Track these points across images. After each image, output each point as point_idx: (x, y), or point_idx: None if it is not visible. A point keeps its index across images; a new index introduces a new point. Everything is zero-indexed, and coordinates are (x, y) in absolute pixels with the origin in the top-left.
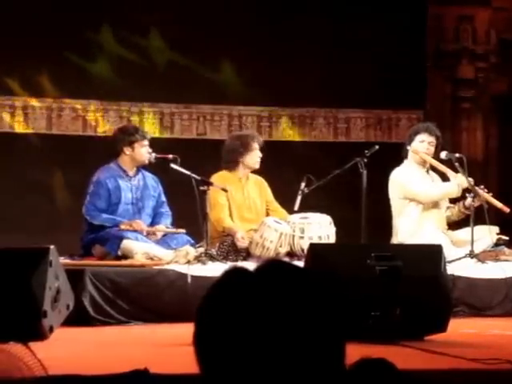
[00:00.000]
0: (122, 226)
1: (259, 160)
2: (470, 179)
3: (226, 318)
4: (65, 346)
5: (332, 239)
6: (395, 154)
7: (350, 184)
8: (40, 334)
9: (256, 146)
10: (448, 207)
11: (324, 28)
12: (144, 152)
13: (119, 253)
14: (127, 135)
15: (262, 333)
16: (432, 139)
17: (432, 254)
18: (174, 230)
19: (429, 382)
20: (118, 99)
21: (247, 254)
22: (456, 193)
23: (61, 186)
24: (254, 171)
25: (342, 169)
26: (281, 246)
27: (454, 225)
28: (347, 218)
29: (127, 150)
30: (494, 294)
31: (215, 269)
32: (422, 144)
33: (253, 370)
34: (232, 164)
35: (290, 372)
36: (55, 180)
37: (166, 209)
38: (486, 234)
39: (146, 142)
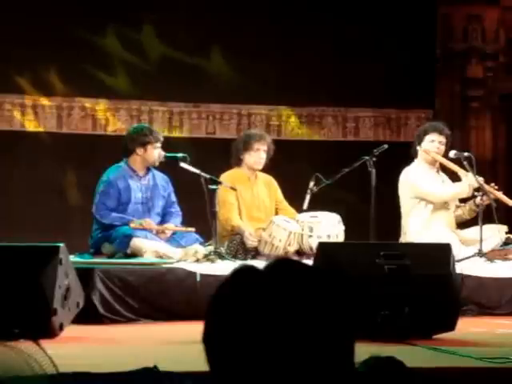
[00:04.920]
0: (132, 225)
1: (261, 161)
2: (480, 178)
3: (236, 317)
4: (75, 344)
5: (341, 238)
6: (404, 153)
7: (358, 183)
8: (50, 332)
9: (257, 146)
10: (459, 206)
11: (333, 27)
12: (156, 154)
13: (128, 251)
14: (141, 136)
15: (271, 331)
16: (442, 138)
17: (441, 252)
18: (183, 228)
19: (437, 380)
20: (128, 98)
21: (256, 253)
22: (467, 193)
23: (71, 185)
24: (264, 170)
25: (351, 168)
26: (290, 245)
27: (462, 224)
28: (356, 217)
29: (139, 151)
30: (503, 293)
31: (224, 267)
32: (433, 144)
33: (262, 367)
34: (236, 161)
35: (300, 370)
36: (65, 178)
37: (175, 208)
38: (495, 233)
39: (159, 144)
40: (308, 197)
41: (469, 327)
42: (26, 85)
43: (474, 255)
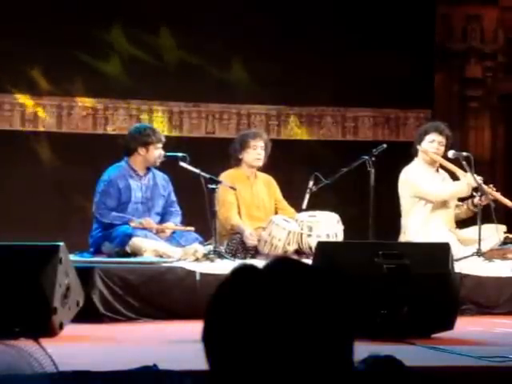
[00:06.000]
0: (132, 224)
1: (259, 157)
2: (479, 178)
3: (235, 316)
4: (75, 343)
5: (340, 237)
6: (403, 153)
7: (357, 182)
8: (50, 331)
9: (254, 143)
10: (457, 205)
11: (333, 27)
12: (157, 154)
13: (128, 250)
14: (144, 136)
15: (270, 330)
16: (442, 139)
17: (440, 252)
18: (182, 227)
19: (436, 379)
20: (128, 97)
21: (256, 252)
22: (466, 192)
23: (71, 184)
24: (263, 169)
25: (350, 167)
26: (289, 244)
27: (461, 223)
28: (355, 216)
29: (141, 151)
30: (502, 292)
31: (224, 266)
32: (432, 144)
33: (261, 366)
34: (235, 161)
35: (299, 369)
36: (65, 178)
37: (175, 208)
38: (494, 233)
39: (160, 145)
40: (307, 196)
41: (467, 326)
42: (25, 84)
43: (473, 255)
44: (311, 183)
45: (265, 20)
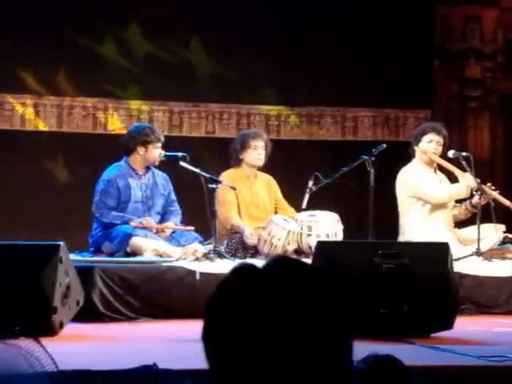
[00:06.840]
0: (133, 224)
1: (260, 157)
2: (477, 179)
3: (235, 315)
4: (75, 342)
5: (339, 237)
6: (402, 153)
7: (357, 182)
8: (50, 330)
9: (254, 143)
10: (455, 206)
11: (332, 27)
12: (156, 153)
13: (128, 250)
14: (143, 135)
15: (270, 329)
16: (439, 139)
17: (439, 251)
18: (182, 227)
19: (435, 378)
20: (128, 97)
21: (255, 252)
22: (465, 194)
23: (71, 184)
24: (263, 169)
25: (350, 167)
26: (288, 244)
27: (460, 223)
28: (354, 216)
29: (141, 150)
30: (501, 292)
31: (223, 266)
32: (430, 144)
33: (261, 366)
34: (235, 162)
35: (298, 368)
36: (65, 177)
37: (175, 207)
38: (493, 232)
39: (160, 144)
40: (307, 196)
41: (467, 326)
42: (26, 84)
43: (472, 254)
44: (311, 183)
45: (265, 20)
